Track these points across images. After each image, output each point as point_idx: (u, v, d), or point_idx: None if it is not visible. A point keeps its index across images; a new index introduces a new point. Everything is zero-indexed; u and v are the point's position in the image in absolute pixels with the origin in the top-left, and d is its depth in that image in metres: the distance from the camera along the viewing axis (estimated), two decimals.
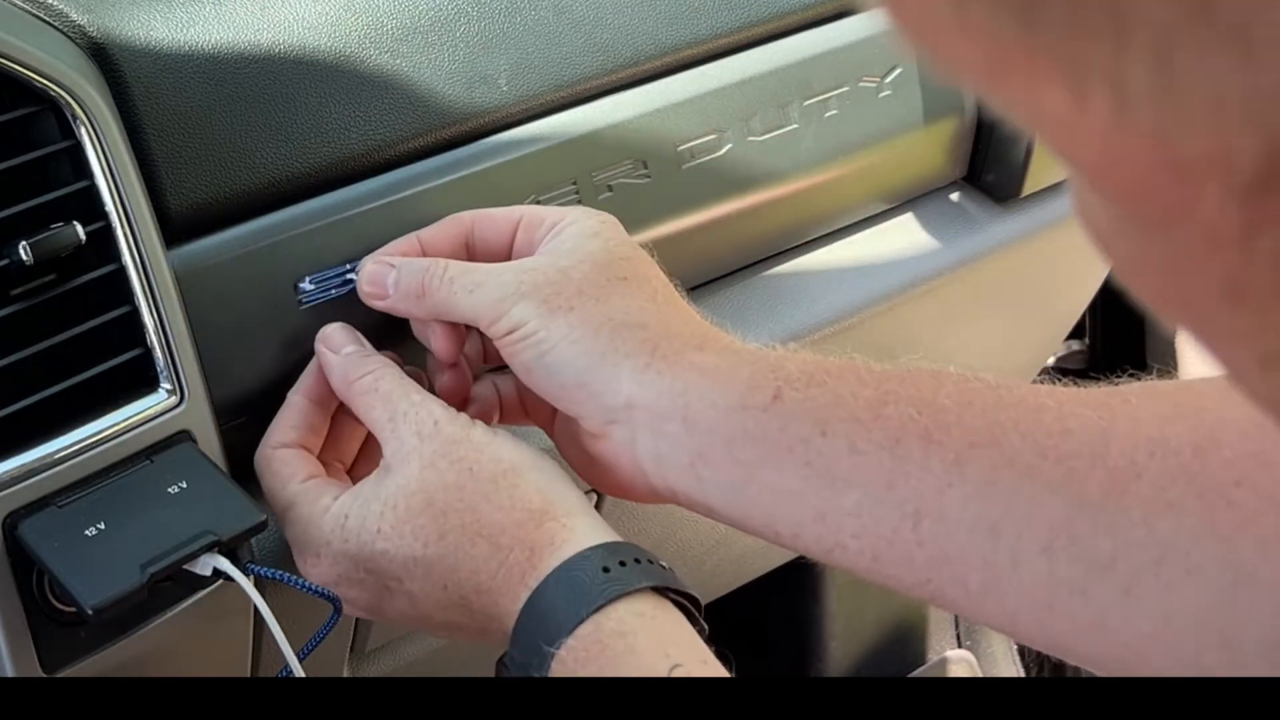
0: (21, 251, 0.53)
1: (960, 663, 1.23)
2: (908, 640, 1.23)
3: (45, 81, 0.55)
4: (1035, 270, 0.91)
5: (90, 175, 0.55)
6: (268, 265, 0.61)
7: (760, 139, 0.75)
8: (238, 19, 0.63)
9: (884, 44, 0.77)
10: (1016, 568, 0.49)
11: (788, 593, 1.16)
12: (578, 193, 0.69)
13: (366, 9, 0.66)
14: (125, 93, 0.59)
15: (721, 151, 0.74)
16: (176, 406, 0.57)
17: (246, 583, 0.54)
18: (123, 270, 0.56)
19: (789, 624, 1.18)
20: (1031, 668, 1.27)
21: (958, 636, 1.25)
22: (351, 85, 0.64)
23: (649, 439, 0.55)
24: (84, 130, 0.55)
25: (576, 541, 0.53)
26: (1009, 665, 1.26)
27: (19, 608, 0.54)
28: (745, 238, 0.78)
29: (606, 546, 0.53)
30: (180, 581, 0.54)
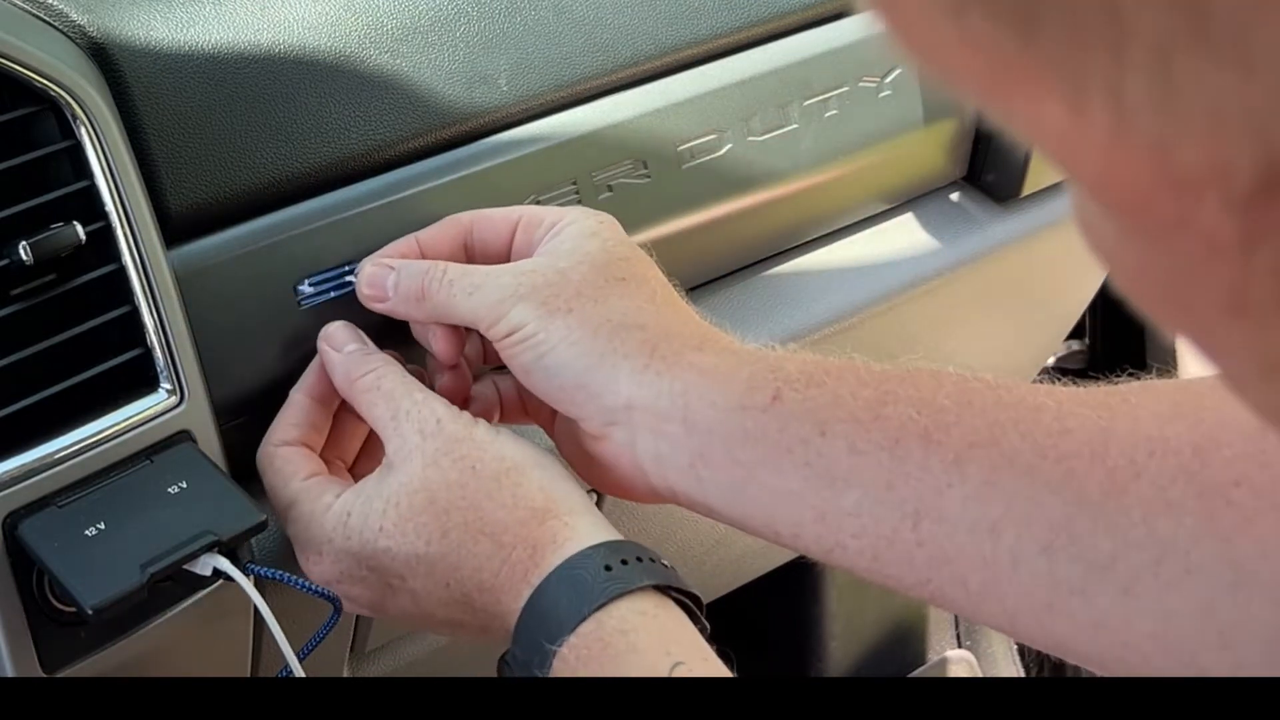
0: (21, 251, 0.53)
1: (960, 663, 1.23)
2: (908, 640, 1.23)
3: (45, 81, 0.55)
4: (1035, 270, 0.91)
5: (90, 175, 0.55)
6: (268, 265, 0.61)
7: (760, 139, 0.75)
8: (238, 19, 0.63)
9: (884, 44, 0.77)
10: (1016, 567, 0.49)
11: (788, 593, 1.16)
12: (578, 193, 0.69)
13: (366, 9, 0.66)
14: (125, 93, 0.59)
15: (721, 151, 0.74)
16: (176, 406, 0.57)
17: (246, 583, 0.54)
18: (123, 270, 0.56)
19: (789, 624, 1.18)
20: (1031, 668, 1.27)
21: (958, 636, 1.25)
22: (351, 85, 0.64)
23: (649, 440, 0.55)
24: (84, 130, 0.55)
25: (579, 540, 0.53)
26: (1009, 665, 1.26)
27: (19, 608, 0.54)
28: (745, 238, 0.78)
29: (608, 545, 0.53)
30: (180, 581, 0.54)
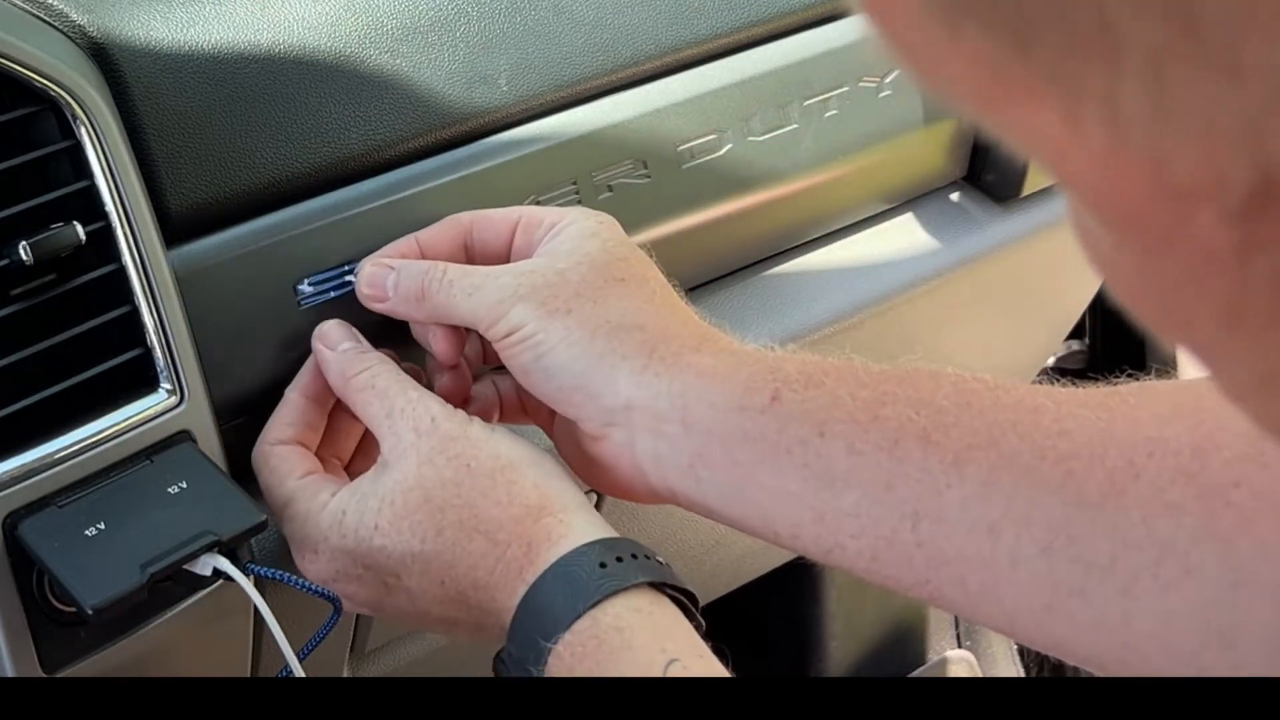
0: (21, 251, 0.53)
1: (960, 663, 1.23)
2: (908, 640, 1.23)
3: (45, 81, 0.55)
4: (1035, 270, 0.91)
5: (90, 175, 0.55)
6: (268, 265, 0.61)
7: (760, 139, 0.75)
8: (238, 19, 0.63)
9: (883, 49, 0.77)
10: (1015, 568, 0.49)
11: (788, 593, 1.16)
12: (578, 193, 0.69)
13: (366, 9, 0.66)
14: (125, 93, 0.59)
15: (721, 151, 0.74)
16: (176, 406, 0.57)
17: (246, 583, 0.54)
18: (123, 270, 0.56)
19: (789, 624, 1.18)
20: (1031, 668, 1.27)
21: (958, 636, 1.25)
22: (351, 85, 0.64)
23: (648, 440, 0.55)
24: (84, 130, 0.55)
25: (574, 537, 0.53)
26: (1009, 665, 1.26)
27: (19, 608, 0.54)
28: (745, 238, 0.78)
29: (603, 542, 0.53)
30: (180, 581, 0.54)
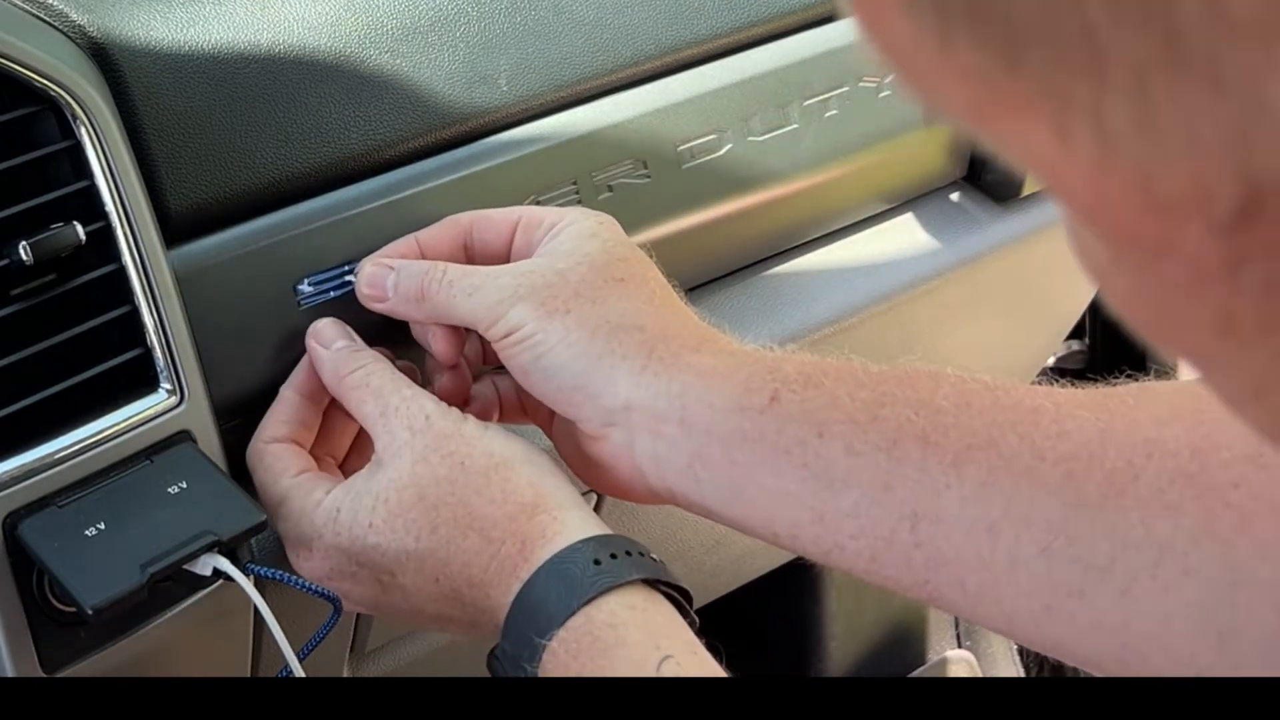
0: (21, 251, 0.54)
1: (960, 663, 1.23)
2: (908, 640, 1.23)
3: (45, 81, 0.55)
4: (1035, 270, 0.91)
5: (90, 175, 0.56)
6: (268, 265, 0.61)
7: (760, 139, 0.75)
8: (238, 19, 0.63)
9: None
10: (1014, 569, 0.49)
11: (788, 593, 1.16)
12: (578, 193, 0.69)
13: (366, 9, 0.66)
14: (125, 93, 0.59)
15: (721, 151, 0.74)
16: (176, 406, 0.57)
17: (246, 583, 0.54)
18: (123, 270, 0.56)
19: (789, 624, 1.18)
20: (1031, 668, 1.27)
21: (958, 636, 1.25)
22: (351, 85, 0.64)
23: (647, 440, 0.55)
24: (84, 130, 0.55)
25: (568, 534, 0.53)
26: (1009, 665, 1.26)
27: (19, 608, 0.54)
28: (745, 238, 0.78)
29: (597, 539, 0.53)
30: (180, 581, 0.54)
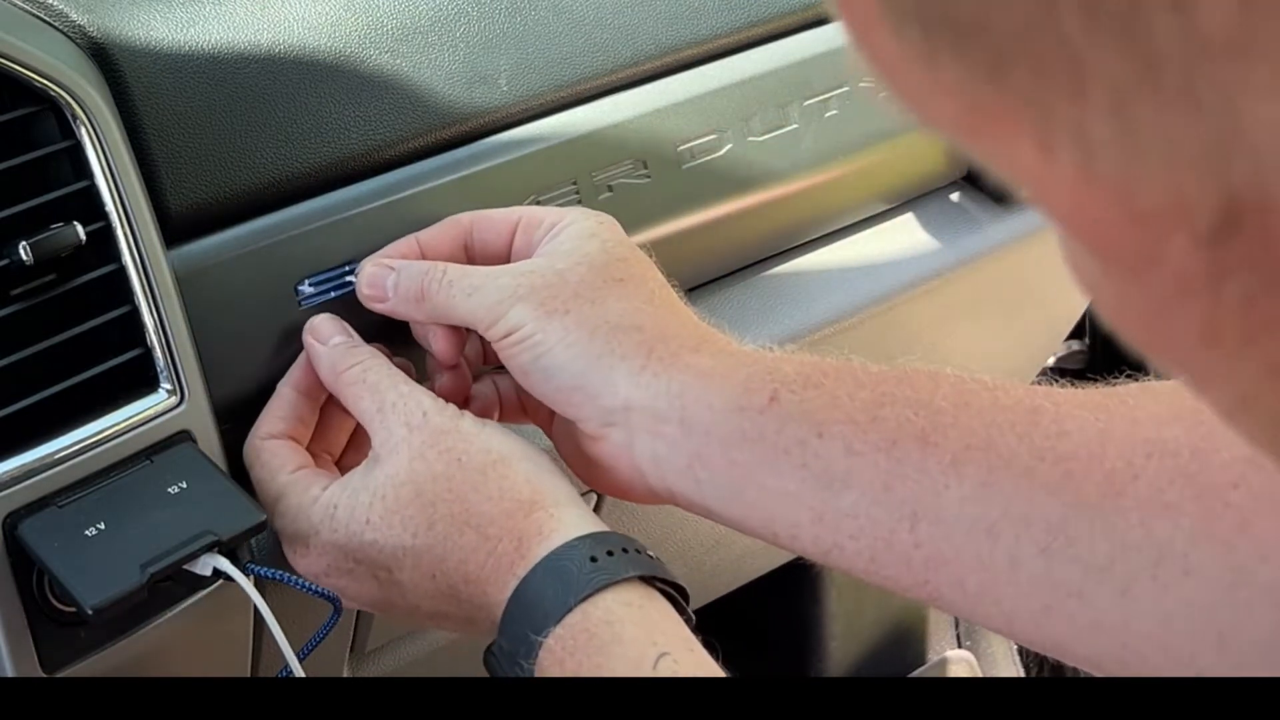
0: (21, 251, 0.54)
1: (960, 663, 1.23)
2: (908, 640, 1.23)
3: (45, 81, 0.55)
4: (1035, 270, 0.91)
5: (90, 175, 0.56)
6: (268, 265, 0.61)
7: (760, 139, 0.75)
8: (238, 19, 0.63)
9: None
10: (1014, 569, 0.49)
11: (788, 593, 1.16)
12: (578, 193, 0.69)
13: (366, 9, 0.66)
14: (125, 93, 0.59)
15: (721, 151, 0.74)
16: (176, 406, 0.57)
17: (246, 583, 0.54)
18: (123, 270, 0.56)
19: (789, 624, 1.18)
20: (1031, 668, 1.27)
21: (958, 636, 1.25)
22: (351, 85, 0.64)
23: (646, 441, 0.55)
24: (84, 130, 0.55)
25: (564, 531, 0.53)
26: (1009, 665, 1.26)
27: (19, 608, 0.54)
28: (745, 238, 0.78)
29: (594, 536, 0.53)
30: (180, 581, 0.54)
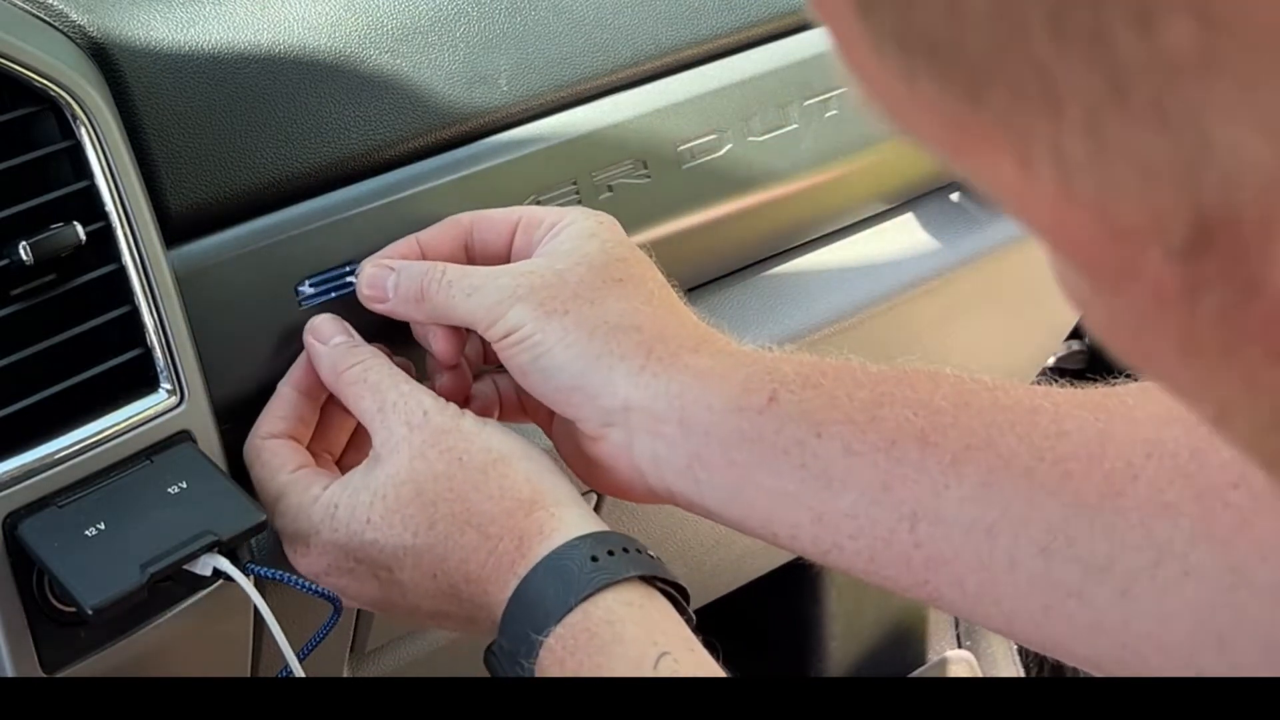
0: (21, 251, 0.54)
1: (960, 663, 1.23)
2: (908, 640, 1.23)
3: (45, 81, 0.55)
4: (1035, 270, 0.91)
5: (90, 175, 0.56)
6: (268, 265, 0.61)
7: (760, 139, 0.75)
8: (238, 19, 0.63)
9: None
10: (1013, 569, 0.49)
11: (788, 593, 1.16)
12: (578, 193, 0.69)
13: (366, 9, 0.66)
14: (125, 93, 0.59)
15: (721, 151, 0.74)
16: (176, 406, 0.57)
17: (246, 583, 0.54)
18: (123, 270, 0.56)
19: (789, 624, 1.18)
20: (1031, 668, 1.27)
21: (958, 637, 1.25)
22: (351, 85, 0.64)
23: (646, 441, 0.55)
24: (84, 130, 0.55)
25: (565, 531, 0.53)
26: (1009, 665, 1.26)
27: (19, 608, 0.54)
28: (745, 238, 0.78)
29: (595, 536, 0.53)
30: (180, 581, 0.54)
